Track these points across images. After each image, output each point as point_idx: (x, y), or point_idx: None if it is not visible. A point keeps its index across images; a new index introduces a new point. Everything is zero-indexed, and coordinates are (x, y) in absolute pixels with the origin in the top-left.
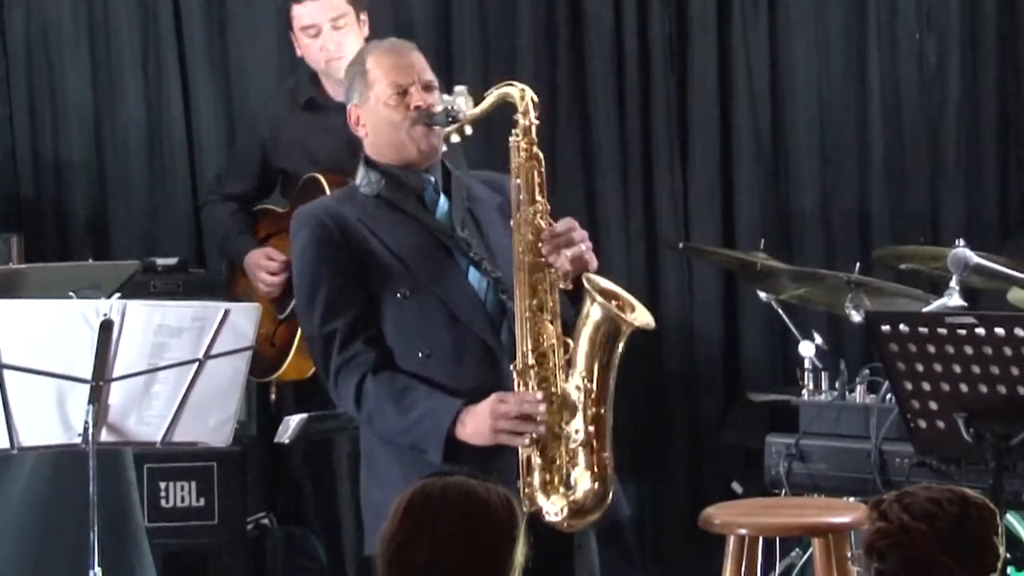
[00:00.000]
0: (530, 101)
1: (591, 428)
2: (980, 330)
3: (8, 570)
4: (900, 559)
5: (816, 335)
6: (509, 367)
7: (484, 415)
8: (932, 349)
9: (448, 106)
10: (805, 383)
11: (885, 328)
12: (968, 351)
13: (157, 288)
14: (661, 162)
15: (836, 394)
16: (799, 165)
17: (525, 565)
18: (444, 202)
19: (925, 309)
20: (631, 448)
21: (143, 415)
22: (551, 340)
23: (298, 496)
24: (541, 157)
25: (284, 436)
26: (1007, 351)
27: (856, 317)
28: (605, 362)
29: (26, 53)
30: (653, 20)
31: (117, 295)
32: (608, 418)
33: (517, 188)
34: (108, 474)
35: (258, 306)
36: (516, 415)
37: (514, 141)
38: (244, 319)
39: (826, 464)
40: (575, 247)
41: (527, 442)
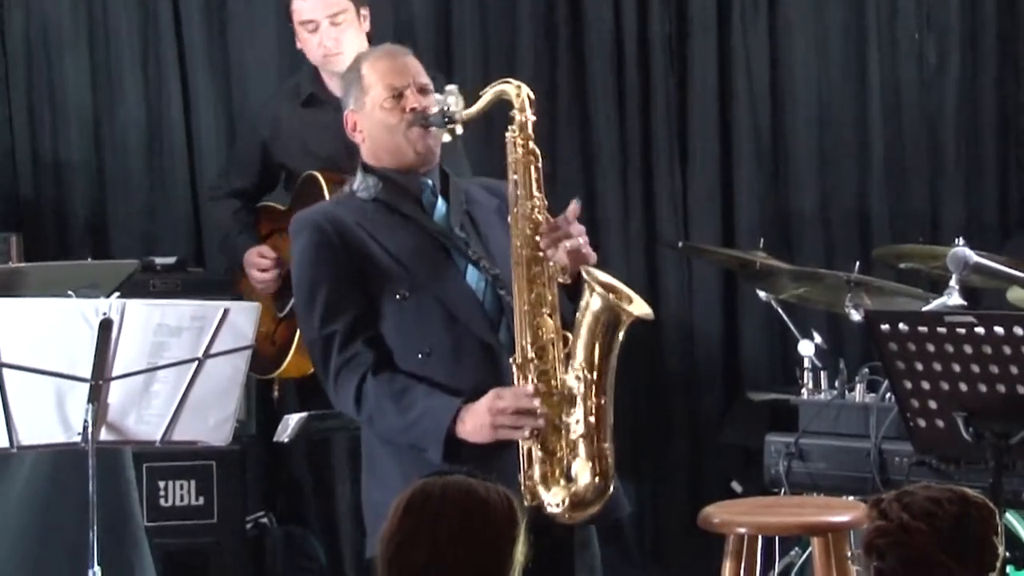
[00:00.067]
0: (526, 97)
1: (591, 419)
2: (979, 329)
3: (8, 569)
4: (899, 558)
5: (816, 334)
6: (508, 365)
7: (483, 412)
8: (931, 348)
9: (443, 107)
10: (805, 382)
11: (884, 327)
12: (967, 350)
13: (156, 287)
14: (661, 162)
15: (835, 393)
16: (799, 165)
17: (525, 565)
18: (442, 204)
19: (925, 308)
20: (631, 447)
21: (142, 414)
22: (550, 333)
23: (298, 495)
24: (538, 153)
25: (283, 435)
26: (1006, 350)
27: (855, 316)
28: (605, 353)
29: (25, 53)
30: (653, 20)
31: (116, 294)
32: (608, 409)
33: (514, 184)
34: (107, 473)
35: (258, 305)
36: (514, 410)
37: (511, 137)
38: (243, 318)
39: (825, 463)
40: (573, 240)
41: (527, 435)
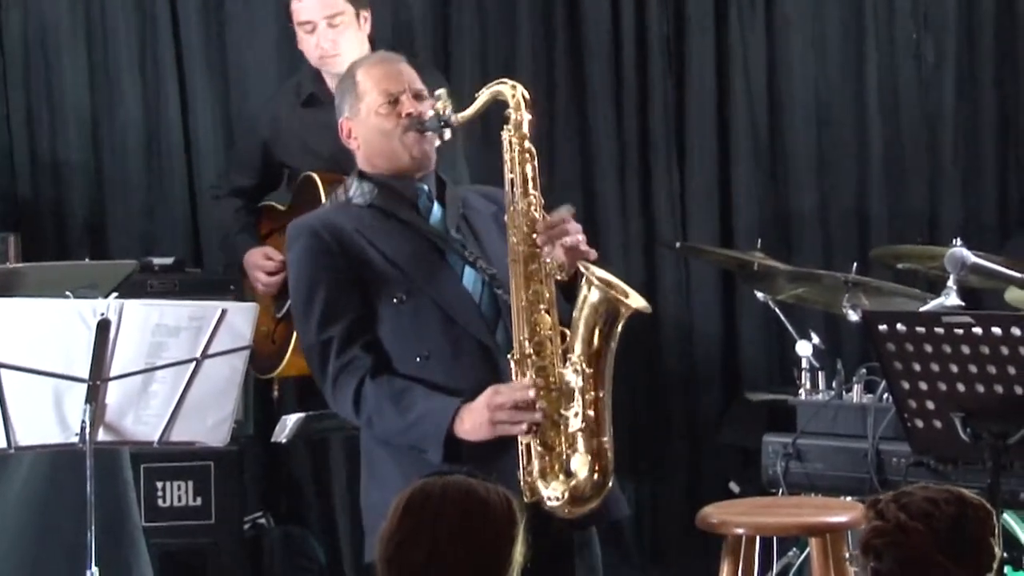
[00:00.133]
0: (521, 96)
1: (590, 413)
2: (977, 330)
3: (6, 569)
4: (896, 558)
5: (813, 335)
6: (506, 366)
7: (481, 408)
8: (929, 348)
9: (438, 111)
10: (802, 383)
11: (882, 327)
12: (965, 351)
13: (154, 288)
14: (659, 162)
15: (833, 394)
16: (797, 165)
17: (524, 565)
18: (438, 209)
19: (922, 309)
20: (629, 447)
21: (140, 414)
22: (547, 329)
23: (296, 496)
24: (534, 151)
25: (281, 435)
26: (1004, 350)
27: (853, 317)
28: (603, 346)
29: (24, 53)
30: (651, 21)
31: (114, 294)
32: (607, 403)
33: (510, 182)
34: (105, 473)
35: (255, 306)
36: (512, 404)
37: (506, 136)
38: (241, 319)
39: (823, 463)
40: (570, 236)
41: (525, 430)
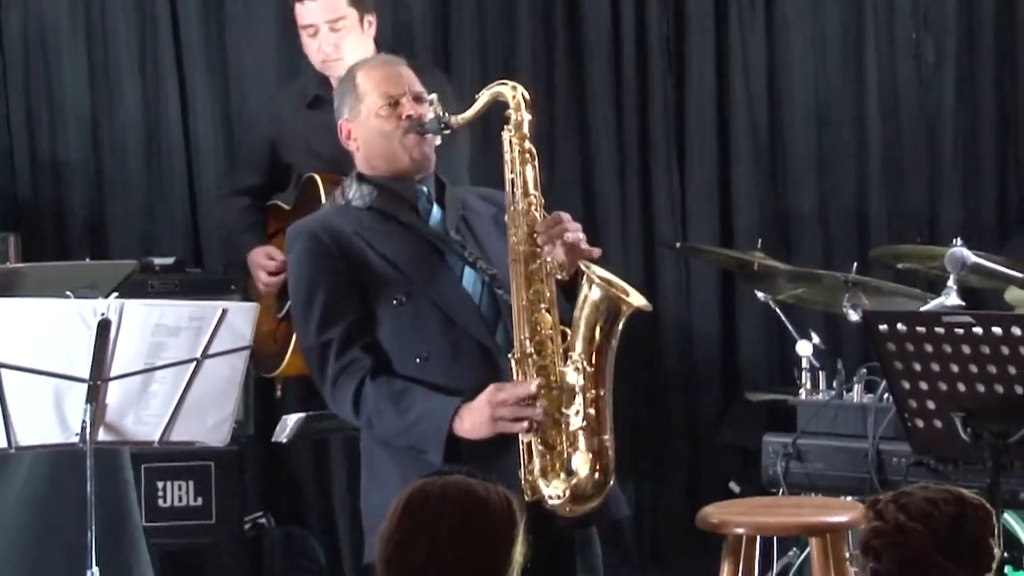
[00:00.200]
0: (522, 97)
1: (591, 411)
2: (977, 329)
3: (6, 569)
4: (896, 559)
5: (813, 335)
6: (506, 366)
7: (482, 406)
8: (929, 348)
9: (439, 114)
10: (803, 383)
11: (882, 327)
12: (965, 350)
13: (154, 288)
14: (659, 162)
15: (833, 393)
16: (797, 165)
17: (524, 564)
18: (437, 211)
19: (922, 308)
20: (630, 447)
21: (141, 414)
22: (548, 328)
23: (296, 496)
24: (534, 152)
25: (282, 435)
26: (1004, 350)
27: (854, 316)
28: (604, 344)
29: (23, 53)
30: (651, 21)
31: (115, 294)
32: (608, 401)
33: (510, 182)
34: (106, 473)
35: (256, 306)
36: (514, 400)
37: (507, 136)
38: (242, 319)
39: (823, 463)
40: (571, 235)
41: (527, 427)
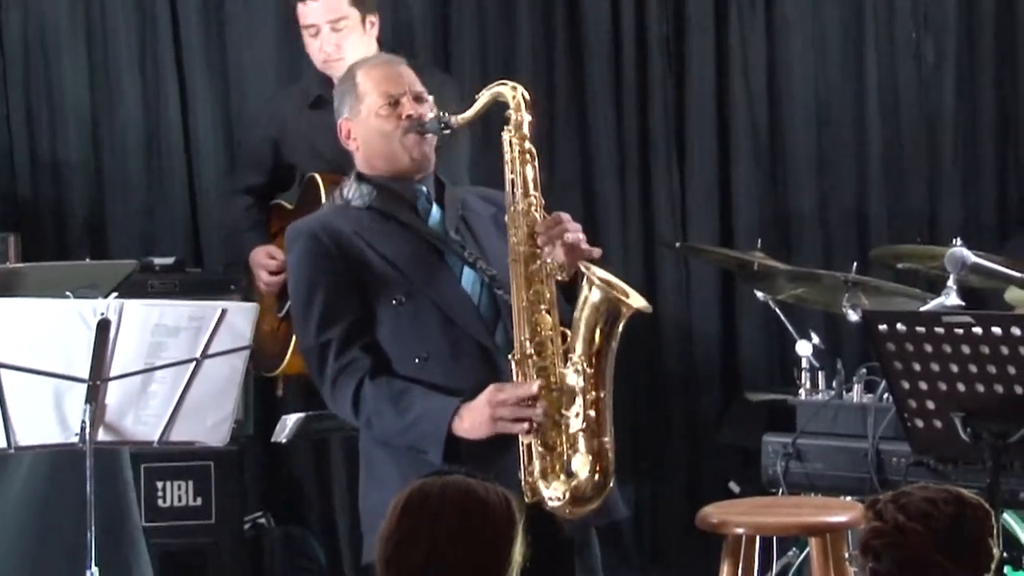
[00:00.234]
0: (522, 97)
1: (591, 413)
2: (977, 329)
3: (6, 569)
4: (895, 559)
5: (813, 335)
6: (506, 367)
7: (482, 405)
8: (929, 348)
9: (439, 114)
10: (802, 383)
11: (882, 327)
12: (965, 350)
13: (154, 288)
14: (659, 162)
15: (833, 393)
16: (797, 165)
17: (524, 564)
18: (437, 211)
19: (922, 308)
20: (629, 447)
21: (140, 414)
22: (548, 330)
23: (296, 495)
24: (534, 152)
25: (281, 435)
26: (1004, 350)
27: (853, 316)
28: (604, 346)
29: (23, 53)
30: (651, 21)
31: (114, 294)
32: (608, 403)
33: (510, 182)
34: (105, 473)
35: (255, 306)
36: (514, 400)
37: (507, 136)
38: (241, 318)
39: (823, 463)
40: (571, 235)
41: (527, 428)
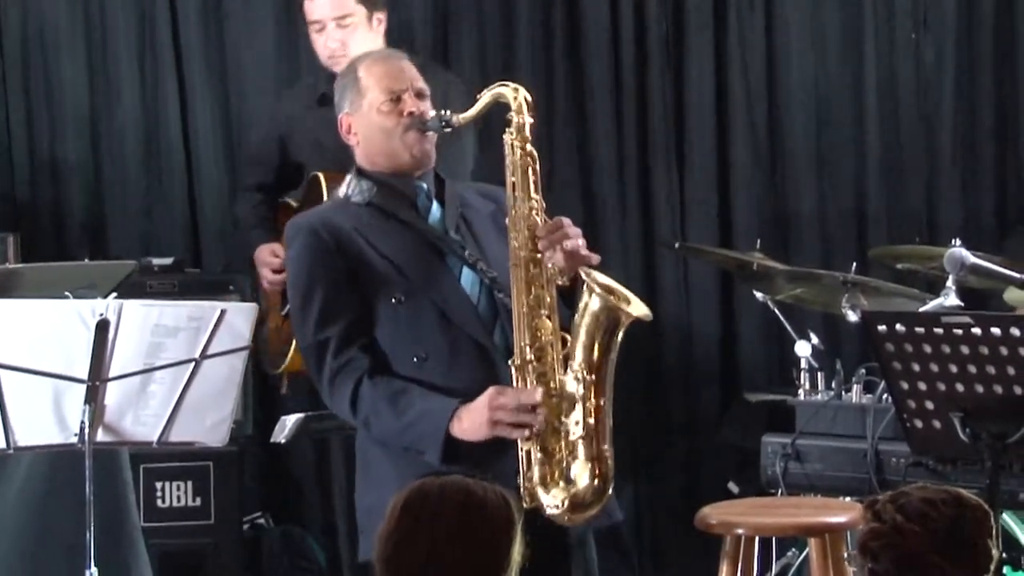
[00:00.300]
0: (523, 100)
1: (590, 420)
2: (976, 330)
3: (5, 569)
4: (893, 559)
5: (812, 335)
6: (504, 367)
7: (481, 408)
8: (928, 349)
9: (441, 112)
10: (801, 383)
11: (881, 328)
12: (964, 351)
13: (153, 288)
14: (658, 162)
15: (832, 394)
16: (795, 165)
17: (523, 564)
18: (437, 208)
19: (921, 309)
20: (629, 448)
21: (139, 415)
22: (549, 335)
23: (295, 496)
24: (536, 155)
25: (280, 436)
26: (1003, 351)
27: (852, 317)
28: (604, 354)
29: (22, 53)
30: (650, 21)
31: (113, 295)
32: (608, 410)
33: (512, 186)
34: (104, 474)
35: (255, 306)
36: (515, 406)
37: (508, 139)
38: (241, 319)
39: (822, 464)
40: (571, 241)
41: (526, 434)
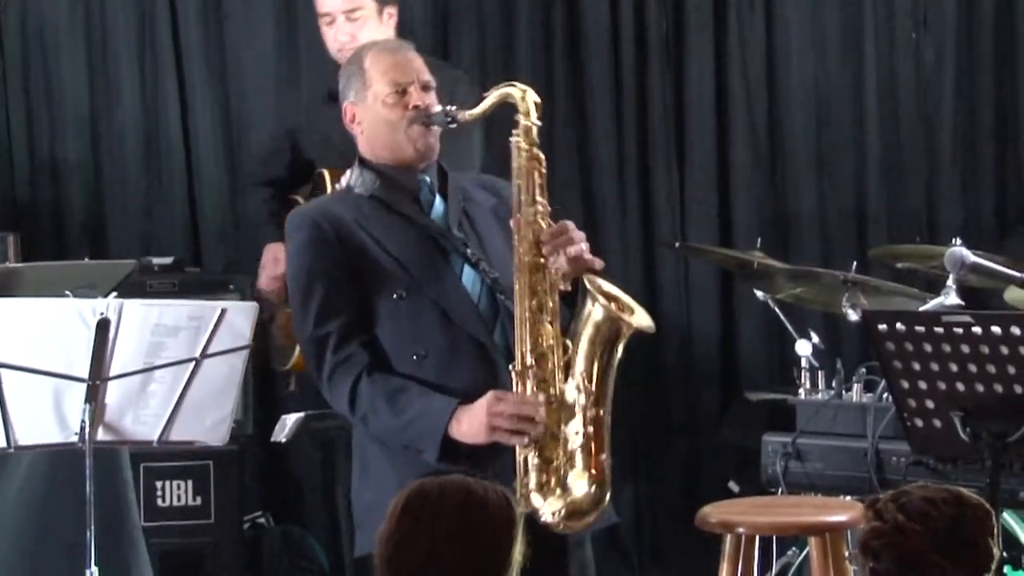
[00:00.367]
0: (531, 102)
1: (589, 430)
2: (976, 329)
3: (5, 568)
4: (894, 559)
5: (813, 334)
6: (504, 366)
7: (480, 412)
8: (929, 348)
9: (446, 107)
10: (802, 382)
11: (882, 327)
12: (964, 350)
13: (153, 287)
14: (658, 161)
15: (833, 393)
16: (796, 164)
17: (523, 564)
18: (439, 203)
19: (922, 308)
20: (629, 447)
21: (139, 414)
22: (550, 341)
23: (296, 495)
24: (542, 158)
25: (280, 435)
26: (1003, 350)
27: (853, 316)
28: (604, 363)
29: (22, 53)
30: (650, 21)
31: (114, 294)
32: (607, 420)
33: (518, 189)
34: (105, 473)
35: (255, 305)
36: (514, 413)
37: (515, 142)
38: (241, 318)
39: (823, 463)
40: (575, 246)
41: (524, 442)
